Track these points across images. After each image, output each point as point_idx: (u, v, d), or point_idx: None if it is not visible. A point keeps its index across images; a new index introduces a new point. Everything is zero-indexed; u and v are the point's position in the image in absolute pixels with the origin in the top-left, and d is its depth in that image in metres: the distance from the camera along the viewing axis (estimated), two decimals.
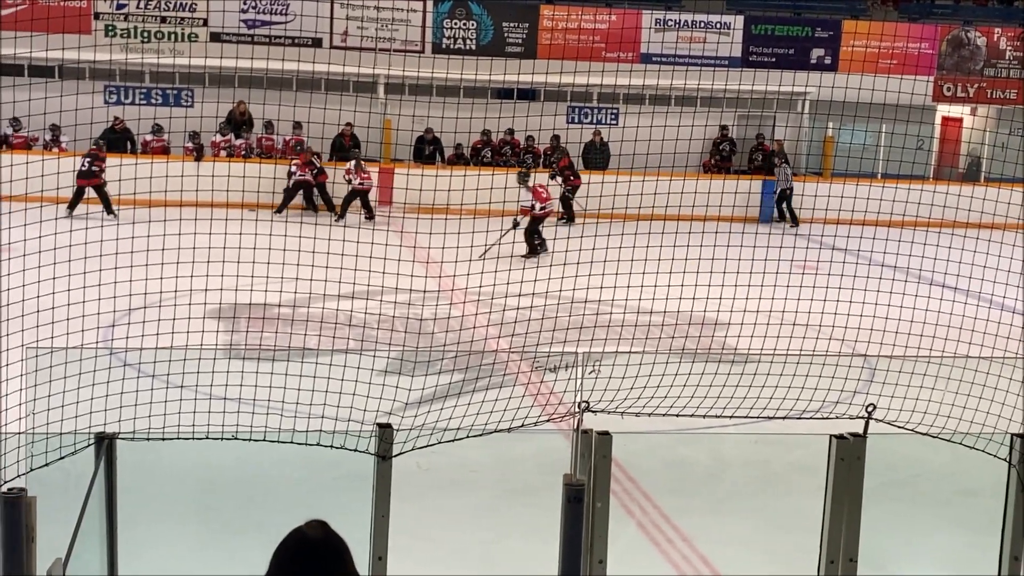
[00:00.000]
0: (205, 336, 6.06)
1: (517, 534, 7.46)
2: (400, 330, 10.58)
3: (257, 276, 6.18)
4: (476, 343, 10.98)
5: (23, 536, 3.58)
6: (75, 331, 5.33)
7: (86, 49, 22.33)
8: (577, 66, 22.52)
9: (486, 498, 8.19)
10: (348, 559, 2.60)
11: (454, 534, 7.59)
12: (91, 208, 19.75)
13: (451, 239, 7.35)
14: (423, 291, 11.36)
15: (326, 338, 8.21)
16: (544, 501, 4.67)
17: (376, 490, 4.20)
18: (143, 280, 5.75)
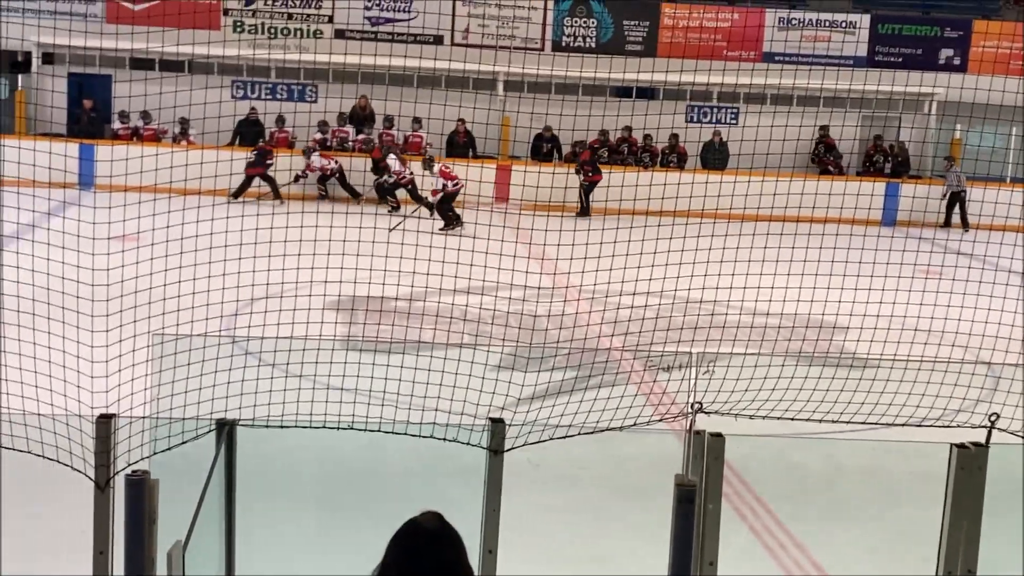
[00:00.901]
0: (324, 327, 6.17)
1: (625, 533, 7.44)
2: (514, 326, 10.62)
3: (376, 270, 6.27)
4: (589, 341, 10.96)
5: (145, 518, 3.69)
6: (200, 319, 5.47)
7: (215, 45, 22.92)
8: (697, 65, 22.29)
9: (595, 496, 8.17)
10: (462, 551, 2.62)
11: (562, 531, 7.59)
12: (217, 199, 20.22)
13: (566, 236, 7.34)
14: (537, 288, 11.40)
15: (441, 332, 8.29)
16: (653, 501, 4.65)
17: (488, 484, 4.22)
18: (265, 271, 5.87)
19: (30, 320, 5.51)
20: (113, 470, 3.97)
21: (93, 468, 3.97)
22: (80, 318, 5.35)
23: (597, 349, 10.27)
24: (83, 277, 5.58)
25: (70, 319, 5.47)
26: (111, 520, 3.94)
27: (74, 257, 5.84)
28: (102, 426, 3.98)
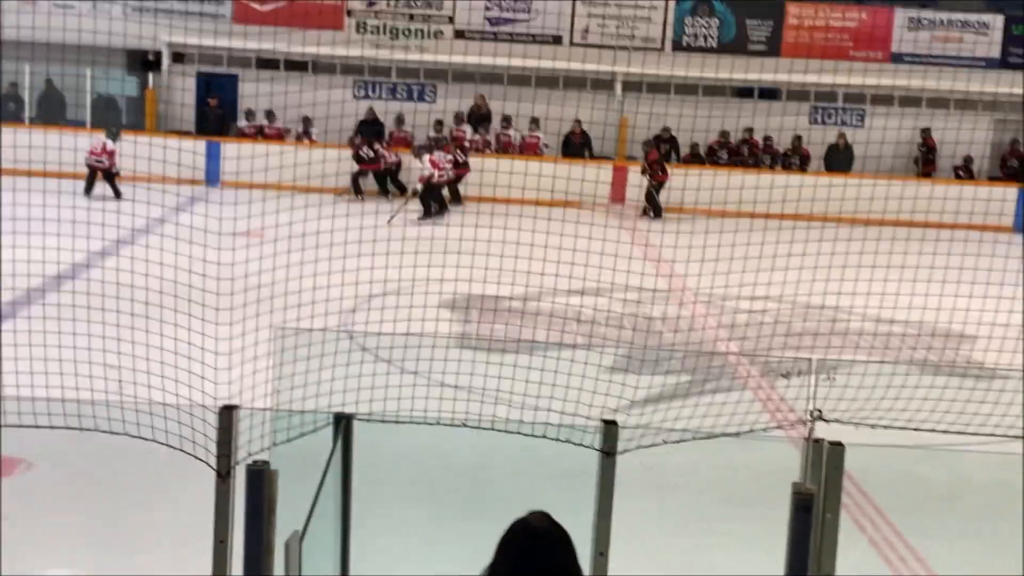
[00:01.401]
0: (439, 325, 6.23)
1: (739, 541, 7.33)
2: (629, 328, 10.57)
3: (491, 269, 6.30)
4: (705, 345, 10.85)
5: (264, 508, 3.75)
6: (319, 314, 5.57)
7: (338, 45, 23.29)
8: (823, 65, 21.89)
9: (708, 502, 8.08)
10: (572, 551, 2.61)
11: (674, 537, 7.52)
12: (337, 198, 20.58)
13: (683, 238, 7.28)
14: (653, 290, 11.33)
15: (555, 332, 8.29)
16: (768, 510, 4.57)
17: (600, 486, 4.20)
18: (383, 268, 5.95)
19: (158, 312, 5.66)
20: (234, 460, 4.05)
21: (215, 457, 4.06)
22: (205, 311, 5.49)
23: (713, 353, 10.16)
24: (209, 271, 5.72)
25: (196, 312, 5.61)
26: (231, 509, 4.03)
27: (200, 252, 5.99)
28: (225, 417, 4.06)
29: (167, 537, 6.99)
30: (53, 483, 7.83)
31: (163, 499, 7.48)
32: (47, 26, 7.24)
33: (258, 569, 3.74)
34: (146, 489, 7.63)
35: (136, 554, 6.88)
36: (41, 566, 6.85)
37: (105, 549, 6.99)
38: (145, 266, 6.50)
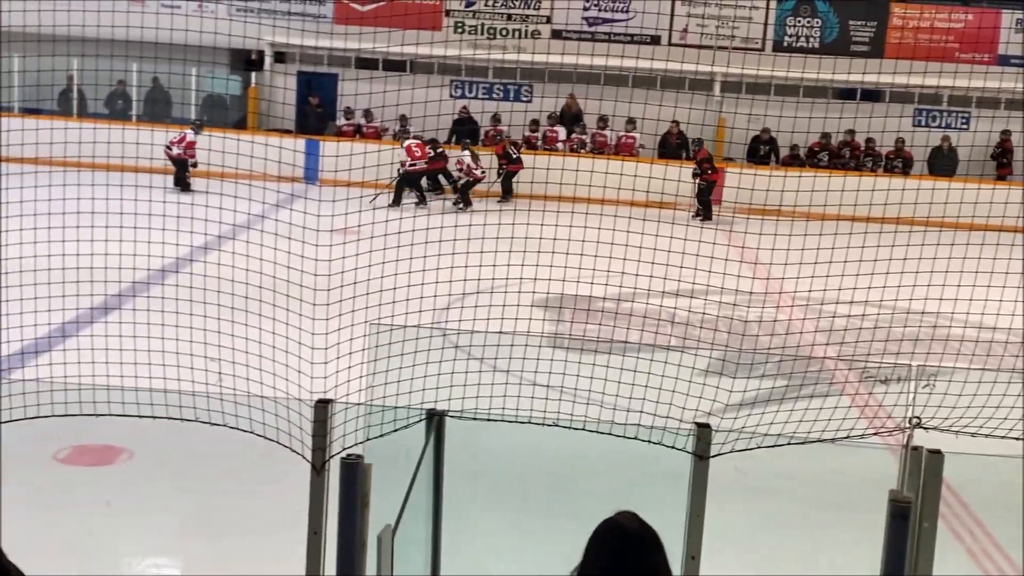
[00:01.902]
0: (532, 324, 6.24)
1: (833, 548, 7.23)
2: (723, 331, 10.47)
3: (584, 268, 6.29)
4: (801, 349, 10.71)
5: (358, 501, 3.80)
6: (414, 311, 5.62)
7: (436, 45, 23.46)
8: (927, 67, 21.43)
9: (802, 508, 7.98)
10: (662, 552, 2.59)
11: (767, 542, 7.44)
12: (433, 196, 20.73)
13: (781, 241, 7.19)
14: (749, 293, 11.22)
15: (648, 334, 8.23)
16: (862, 517, 4.51)
17: (692, 489, 4.18)
18: (477, 267, 5.98)
19: (257, 306, 5.77)
20: (329, 453, 4.11)
21: (310, 451, 4.12)
22: (303, 306, 5.58)
23: (810, 358, 10.02)
24: (307, 267, 5.81)
25: (294, 307, 5.71)
26: (325, 502, 4.09)
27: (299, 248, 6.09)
28: (320, 410, 4.13)
29: (262, 527, 7.12)
30: (153, 472, 8.02)
31: (259, 490, 7.62)
32: (155, 26, 7.42)
33: (351, 562, 3.79)
34: (243, 480, 7.79)
35: (232, 543, 7.02)
36: (141, 552, 7.02)
37: (202, 537, 7.15)
38: (245, 261, 6.62)
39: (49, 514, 7.28)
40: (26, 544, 6.57)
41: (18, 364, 8.32)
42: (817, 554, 7.24)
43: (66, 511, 7.39)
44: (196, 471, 7.94)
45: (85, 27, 6.43)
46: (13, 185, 6.22)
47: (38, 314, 5.66)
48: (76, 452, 8.03)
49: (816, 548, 7.35)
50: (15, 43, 6.77)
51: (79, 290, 5.83)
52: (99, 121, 8.83)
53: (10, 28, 6.57)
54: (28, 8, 6.43)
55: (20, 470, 7.75)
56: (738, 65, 23.63)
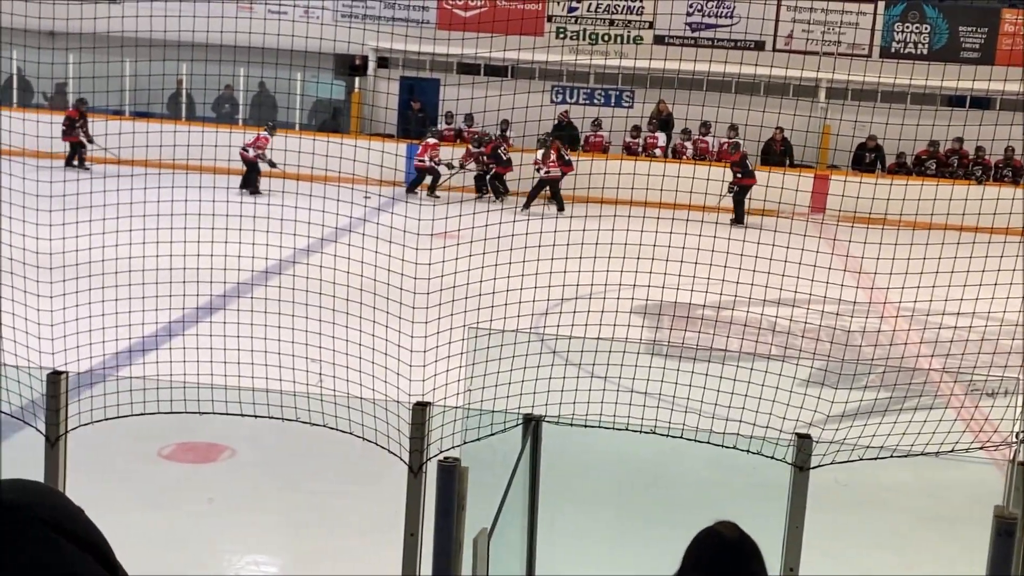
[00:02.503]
0: (630, 331, 6.21)
1: (936, 564, 7.06)
2: (825, 340, 10.30)
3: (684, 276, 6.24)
4: (906, 360, 10.48)
5: (455, 504, 3.83)
6: (512, 316, 5.63)
7: (538, 51, 23.52)
8: None
9: (904, 522, 7.81)
10: (763, 564, 2.55)
11: (868, 556, 7.30)
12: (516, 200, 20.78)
13: (886, 251, 7.05)
14: (852, 302, 11.02)
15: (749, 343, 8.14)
16: (967, 532, 4.40)
17: (791, 500, 4.12)
18: (576, 272, 5.97)
19: (357, 309, 5.84)
20: (426, 456, 4.14)
21: (408, 452, 4.16)
22: (403, 309, 5.63)
23: (915, 369, 9.81)
24: (406, 271, 5.86)
25: (393, 310, 5.76)
26: (422, 504, 4.12)
27: (399, 251, 6.15)
28: (418, 412, 4.16)
29: (359, 528, 7.19)
30: (254, 470, 8.16)
31: (357, 491, 7.70)
32: (262, 31, 7.56)
33: (447, 564, 3.81)
34: (341, 480, 7.88)
35: (329, 542, 7.11)
36: (242, 549, 7.15)
37: (300, 536, 7.25)
38: (347, 264, 6.71)
39: (153, 510, 7.45)
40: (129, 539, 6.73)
41: (125, 362, 8.53)
42: (918, 570, 7.08)
43: (169, 507, 7.56)
44: (296, 470, 8.06)
45: (195, 32, 6.58)
46: (124, 187, 6.39)
47: (145, 313, 5.80)
48: (180, 449, 8.21)
49: (917, 564, 7.19)
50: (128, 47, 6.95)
51: (185, 290, 5.96)
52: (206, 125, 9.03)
53: (123, 33, 6.76)
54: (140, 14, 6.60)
55: (125, 466, 7.96)
56: (844, 71, 23.24)
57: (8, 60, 16.87)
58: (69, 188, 6.20)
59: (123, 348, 8.09)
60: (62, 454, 4.57)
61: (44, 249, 6.10)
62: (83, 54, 7.23)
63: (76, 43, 7.17)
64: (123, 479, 7.81)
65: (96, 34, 7.64)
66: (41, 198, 6.30)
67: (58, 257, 6.25)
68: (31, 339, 5.65)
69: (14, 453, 7.39)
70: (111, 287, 5.94)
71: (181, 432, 8.17)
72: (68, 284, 6.00)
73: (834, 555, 6.90)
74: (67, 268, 6.23)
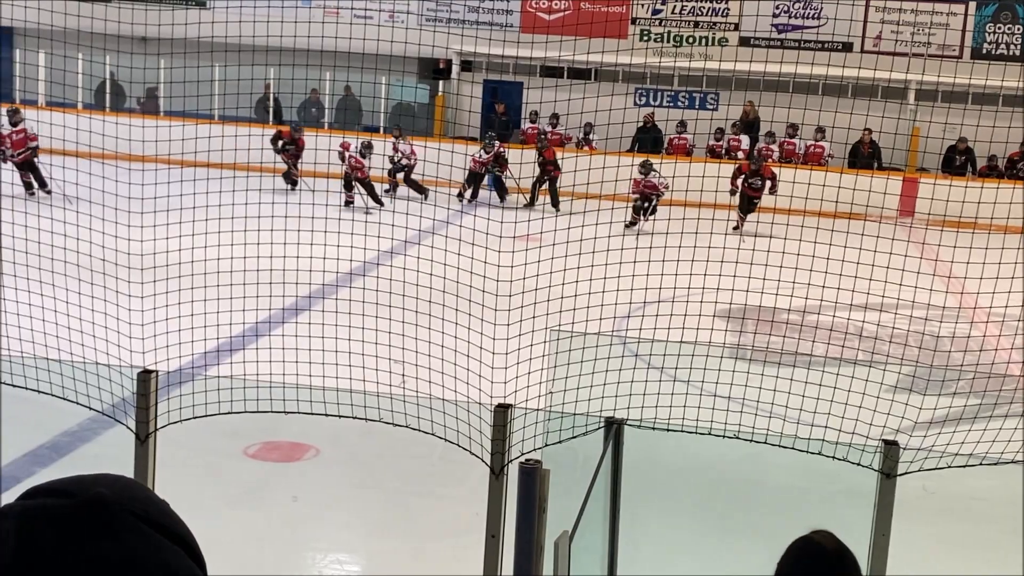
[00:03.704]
0: (713, 335, 6.16)
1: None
2: (914, 346, 10.12)
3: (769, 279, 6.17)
4: (996, 367, 10.25)
5: (536, 506, 3.83)
6: (594, 319, 5.62)
7: (622, 53, 23.44)
8: None
9: (993, 532, 7.63)
10: (860, 572, 2.50)
11: (954, 566, 7.15)
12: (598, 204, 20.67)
13: (976, 255, 6.91)
14: (942, 307, 10.80)
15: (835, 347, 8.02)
16: None
17: (878, 508, 4.06)
18: (659, 275, 5.95)
19: (440, 311, 5.88)
20: (507, 458, 4.15)
21: (489, 454, 4.17)
22: (485, 312, 5.65)
23: (1006, 375, 9.59)
24: (489, 273, 5.89)
25: (476, 312, 5.79)
26: (503, 506, 4.13)
27: (482, 254, 6.18)
28: (500, 415, 4.17)
29: (442, 528, 7.24)
30: (338, 470, 8.26)
31: (439, 492, 7.75)
32: (348, 36, 7.65)
33: (528, 565, 3.82)
34: (423, 481, 7.94)
35: (411, 543, 7.16)
36: (324, 548, 7.23)
37: (383, 536, 7.32)
38: (430, 266, 6.76)
39: (238, 507, 7.58)
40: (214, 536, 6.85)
41: (213, 361, 8.68)
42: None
43: (254, 505, 7.68)
44: (379, 471, 8.13)
45: (283, 37, 6.68)
46: (213, 189, 6.50)
47: (233, 313, 5.89)
48: (265, 448, 8.33)
49: (1005, 573, 7.02)
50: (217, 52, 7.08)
51: (272, 291, 6.05)
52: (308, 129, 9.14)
53: (212, 38, 6.88)
54: (229, 19, 6.72)
55: (212, 464, 8.10)
56: (934, 73, 22.81)
57: (102, 65, 17.26)
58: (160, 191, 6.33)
59: (211, 348, 8.22)
60: (151, 451, 4.67)
61: (135, 250, 6.24)
62: (174, 59, 7.38)
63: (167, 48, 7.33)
64: (210, 477, 7.95)
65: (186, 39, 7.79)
66: (133, 200, 6.44)
67: (148, 258, 6.38)
68: (122, 339, 5.79)
69: (105, 450, 7.58)
70: (200, 288, 6.06)
71: (267, 431, 8.29)
72: (158, 285, 6.13)
73: (920, 565, 6.78)
74: (157, 269, 6.37)
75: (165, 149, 7.23)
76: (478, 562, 4.18)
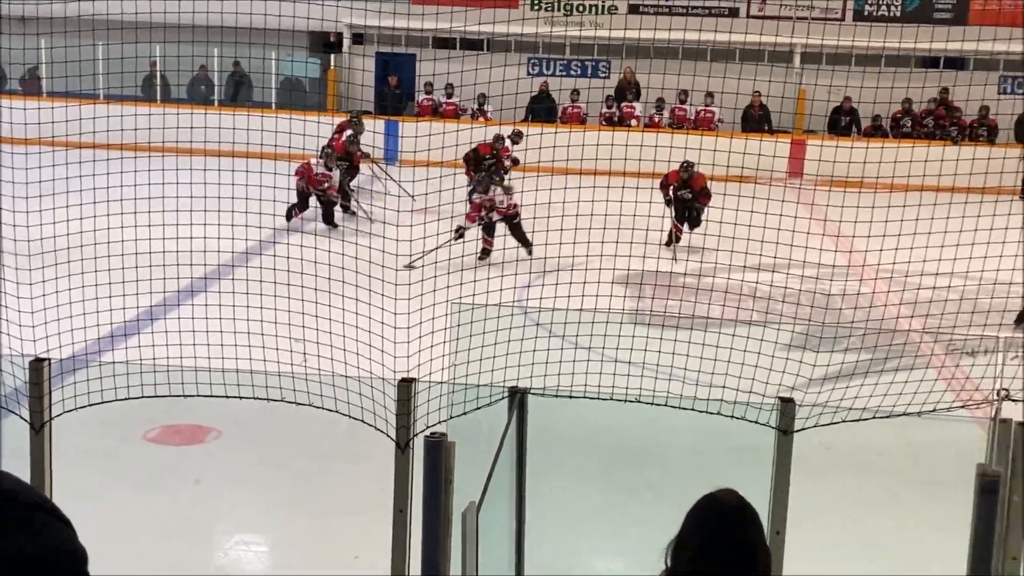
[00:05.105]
0: (612, 301, 6.22)
1: (921, 523, 7.13)
2: (806, 304, 10.36)
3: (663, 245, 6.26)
4: (886, 322, 10.55)
5: (442, 479, 3.85)
6: (495, 290, 5.64)
7: (514, 23, 23.43)
8: (1012, 33, 20.90)
9: (889, 484, 7.88)
10: (761, 529, 2.57)
11: (853, 518, 7.37)
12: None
13: (864, 213, 7.08)
14: (832, 266, 11.06)
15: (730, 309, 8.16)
16: (952, 492, 4.45)
17: (776, 464, 4.16)
18: (558, 244, 5.99)
19: (340, 287, 5.84)
20: (413, 432, 4.16)
21: (394, 429, 4.17)
22: (385, 286, 5.63)
23: (895, 331, 9.87)
24: (388, 247, 5.86)
25: (376, 287, 5.76)
26: (410, 480, 4.13)
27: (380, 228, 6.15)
28: (403, 389, 4.17)
29: (349, 505, 7.22)
30: (241, 451, 8.17)
31: (344, 469, 7.72)
32: (235, 11, 7.51)
33: (436, 538, 3.84)
34: (329, 459, 7.90)
35: (318, 520, 7.13)
36: (230, 529, 7.17)
37: (289, 514, 7.27)
38: (328, 243, 6.71)
39: (140, 493, 7.46)
40: (118, 522, 6.75)
41: (108, 347, 8.52)
42: (906, 529, 7.15)
43: (157, 490, 7.57)
44: (283, 450, 8.07)
45: (167, 13, 6.53)
46: (100, 171, 6.35)
47: (127, 297, 5.78)
48: (165, 432, 8.21)
49: (903, 523, 7.26)
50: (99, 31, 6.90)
51: (166, 273, 5.94)
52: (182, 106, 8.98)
53: (94, 16, 6.70)
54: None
55: (112, 450, 7.96)
56: (818, 36, 23.23)
57: None
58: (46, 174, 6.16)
59: (105, 333, 8.06)
60: (47, 441, 4.57)
61: (22, 236, 6.07)
62: (54, 38, 7.17)
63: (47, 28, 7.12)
64: (110, 464, 7.81)
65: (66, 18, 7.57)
66: (17, 185, 6.26)
67: (36, 244, 6.22)
68: (12, 327, 5.64)
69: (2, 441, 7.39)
70: (91, 272, 5.92)
71: (166, 415, 8.17)
72: (48, 271, 5.98)
73: (819, 518, 6.97)
74: (46, 255, 6.21)
75: (49, 131, 7.03)
76: (387, 537, 4.18)
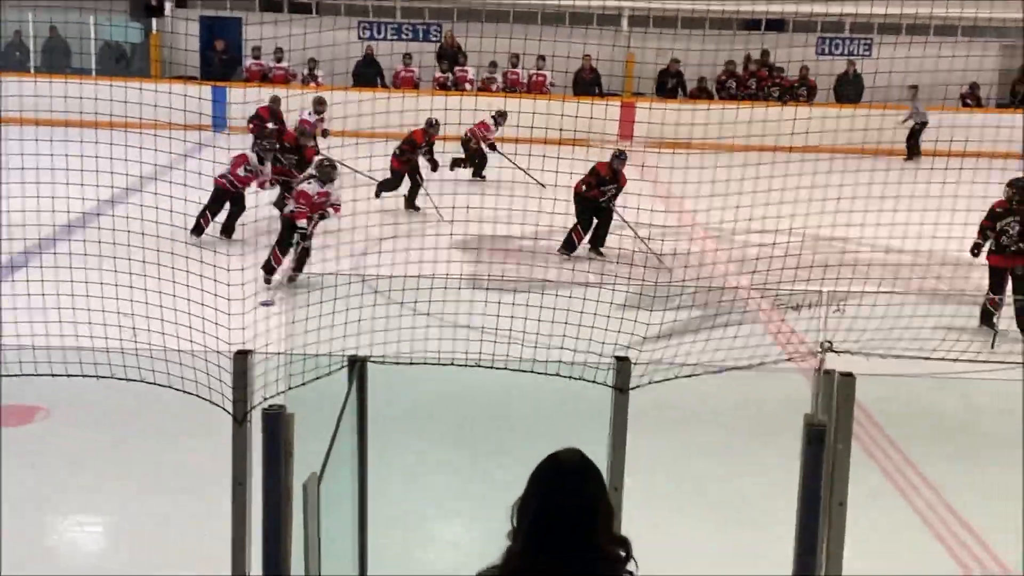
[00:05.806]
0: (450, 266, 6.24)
1: (753, 473, 7.40)
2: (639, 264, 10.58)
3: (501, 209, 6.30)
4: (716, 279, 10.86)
5: (281, 451, 3.79)
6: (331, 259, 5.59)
7: None
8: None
9: (723, 435, 8.14)
10: (602, 485, 2.65)
11: (689, 470, 7.59)
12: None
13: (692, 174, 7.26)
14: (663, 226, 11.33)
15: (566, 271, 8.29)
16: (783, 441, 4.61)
17: (613, 422, 4.23)
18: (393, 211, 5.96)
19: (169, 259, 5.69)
20: (250, 404, 4.09)
21: (231, 402, 4.10)
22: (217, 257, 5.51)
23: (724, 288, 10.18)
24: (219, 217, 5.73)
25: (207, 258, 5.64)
26: (249, 453, 4.07)
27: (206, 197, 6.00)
28: (239, 361, 4.09)
29: (187, 481, 7.07)
30: (72, 430, 7.91)
31: (181, 444, 7.55)
32: None
33: (277, 511, 3.79)
34: (164, 434, 7.71)
35: (158, 496, 6.97)
36: (66, 509, 6.94)
37: (127, 492, 7.08)
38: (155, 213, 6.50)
39: None
40: None
41: None
42: (740, 478, 7.40)
43: None
44: (116, 427, 7.84)
45: None
46: None
47: None
48: None
49: (737, 472, 7.51)
50: None
51: None
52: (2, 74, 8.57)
53: None
54: None
55: None
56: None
57: None
58: None
59: None
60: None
61: None
62: None
63: None
64: None
65: None
66: None
67: None
68: None
69: None
70: None
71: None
72: None
73: (659, 472, 7.16)
74: None
75: None
76: (226, 512, 4.12)
